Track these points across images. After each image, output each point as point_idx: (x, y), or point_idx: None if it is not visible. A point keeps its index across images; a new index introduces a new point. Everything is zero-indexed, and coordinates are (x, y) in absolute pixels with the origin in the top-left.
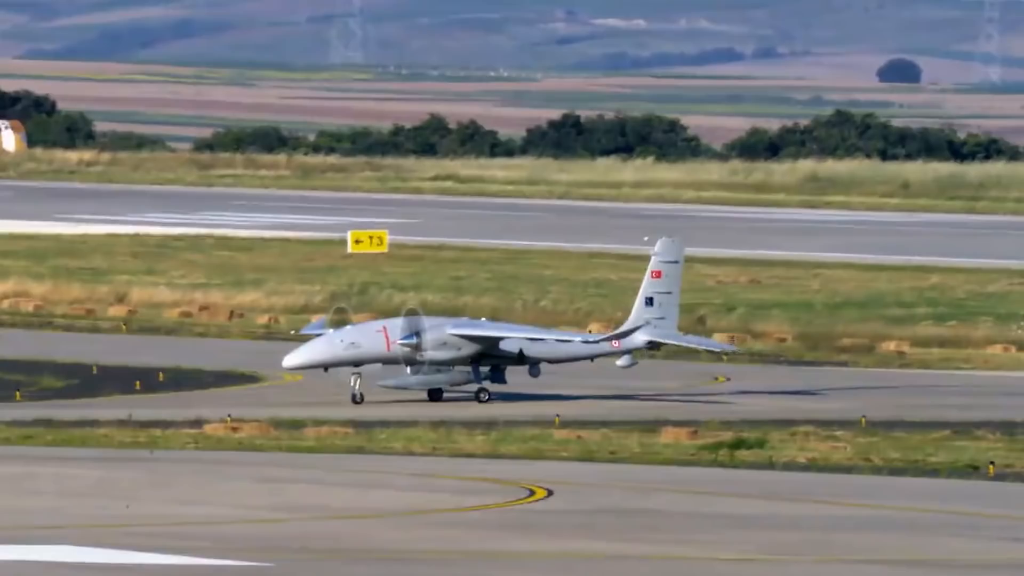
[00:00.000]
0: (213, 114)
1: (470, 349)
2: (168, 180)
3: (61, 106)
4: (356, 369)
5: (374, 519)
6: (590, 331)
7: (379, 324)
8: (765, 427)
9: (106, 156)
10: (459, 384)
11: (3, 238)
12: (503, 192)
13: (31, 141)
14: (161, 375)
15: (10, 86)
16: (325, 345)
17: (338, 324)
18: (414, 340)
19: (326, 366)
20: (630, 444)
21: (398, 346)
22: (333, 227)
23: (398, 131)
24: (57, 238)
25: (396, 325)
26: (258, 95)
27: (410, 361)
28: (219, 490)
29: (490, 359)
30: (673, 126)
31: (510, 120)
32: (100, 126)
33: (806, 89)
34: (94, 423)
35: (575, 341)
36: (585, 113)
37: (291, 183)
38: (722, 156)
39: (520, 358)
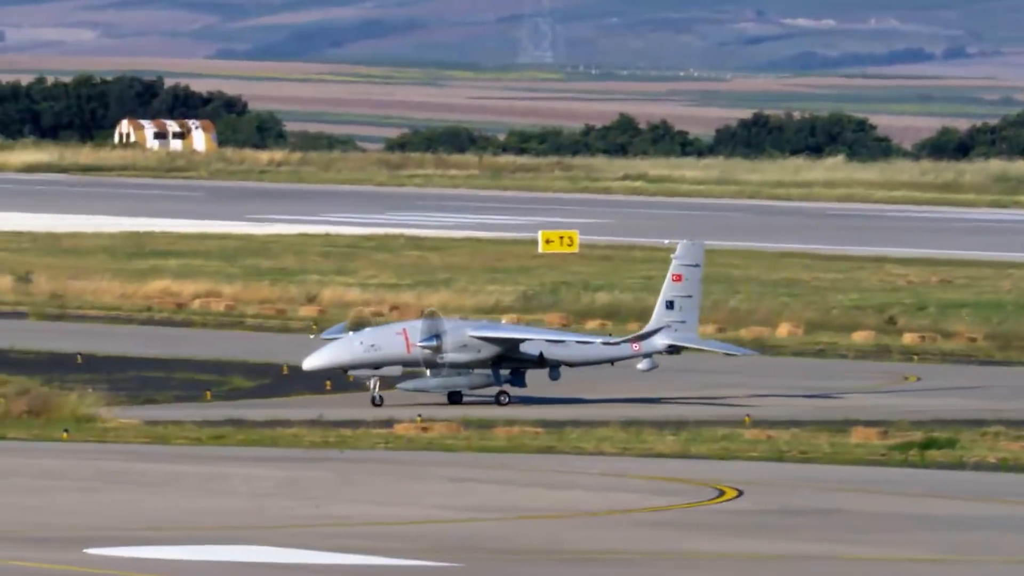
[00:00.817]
0: (402, 114)
1: (490, 351)
2: (358, 180)
3: (252, 106)
4: (376, 371)
5: (564, 519)
6: (610, 335)
7: (399, 326)
8: (956, 427)
9: (296, 156)
10: (479, 387)
11: (194, 238)
12: (693, 192)
13: (222, 141)
14: (351, 376)
15: (201, 86)
16: (345, 347)
17: (358, 328)
18: (434, 342)
19: (346, 368)
20: (820, 444)
21: (418, 348)
22: (523, 227)
23: (588, 131)
24: (248, 238)
25: (416, 327)
26: (448, 95)
27: (430, 363)
28: (409, 490)
29: (510, 362)
30: (862, 126)
31: (700, 120)
32: (290, 126)
33: (995, 89)
34: (284, 423)
35: (595, 343)
36: (774, 113)
37: (481, 183)
38: (912, 156)
39: (540, 361)
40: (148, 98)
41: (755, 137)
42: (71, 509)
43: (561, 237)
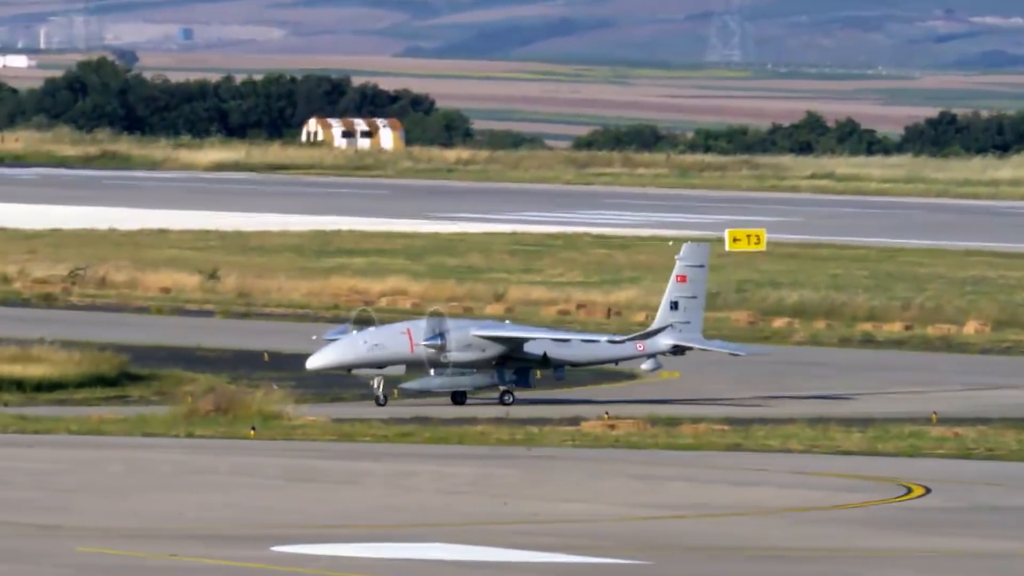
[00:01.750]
0: (590, 112)
1: (494, 351)
2: (545, 178)
3: (439, 104)
4: (379, 371)
5: (751, 516)
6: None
7: (403, 326)
8: None
9: (483, 154)
10: (483, 387)
11: (381, 236)
12: (880, 190)
13: (409, 139)
14: (539, 373)
15: (389, 84)
16: (348, 346)
17: (361, 327)
18: (438, 341)
19: (349, 368)
20: (1007, 441)
21: (422, 348)
22: (710, 225)
23: (776, 129)
24: (434, 236)
25: (420, 327)
26: (635, 93)
27: (434, 363)
28: (596, 488)
29: (514, 361)
30: None
31: (888, 118)
32: (478, 124)
33: None
34: (471, 421)
35: (601, 342)
36: (962, 111)
37: (669, 182)
38: None
39: (544, 361)
40: (336, 96)
41: (942, 135)
42: (258, 507)
43: (748, 235)
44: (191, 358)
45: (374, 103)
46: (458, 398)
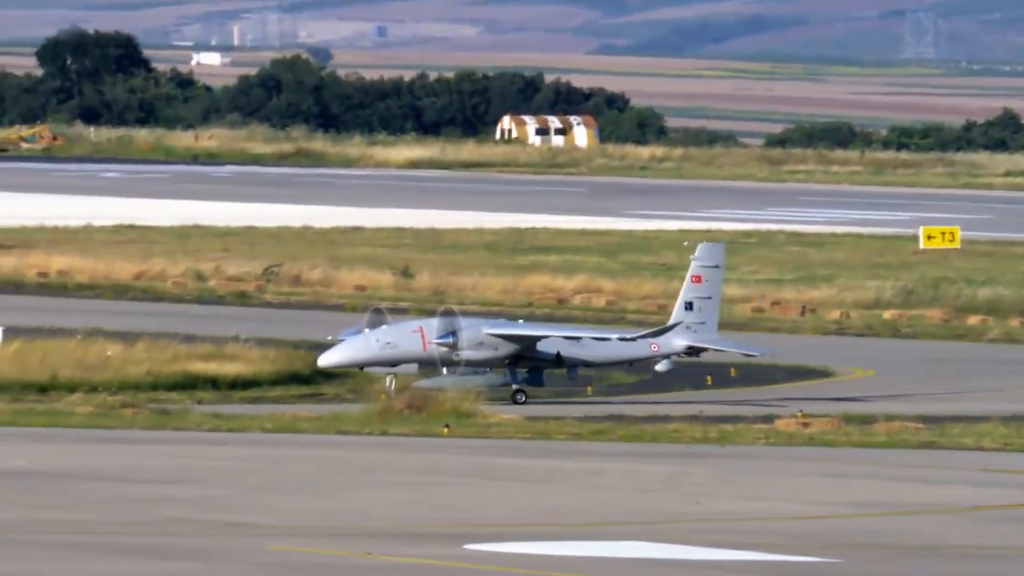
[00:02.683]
0: (784, 110)
1: (507, 349)
2: (739, 176)
3: (633, 102)
4: (392, 369)
5: (943, 514)
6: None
7: (416, 324)
8: None
9: (677, 152)
10: (496, 386)
11: (574, 234)
12: None
13: (603, 137)
14: (733, 370)
15: (583, 82)
16: (361, 345)
17: (375, 325)
18: (450, 339)
19: (362, 366)
20: None
21: (434, 346)
22: (905, 223)
23: (970, 127)
24: (628, 234)
25: (432, 326)
26: (829, 91)
27: (446, 361)
28: (788, 486)
29: (528, 361)
30: None
31: None
32: (671, 122)
33: None
34: (664, 419)
35: (612, 340)
36: None
37: (863, 179)
38: None
39: (558, 361)
40: (530, 94)
41: None
42: (451, 505)
43: (943, 233)
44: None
45: (568, 101)
46: None
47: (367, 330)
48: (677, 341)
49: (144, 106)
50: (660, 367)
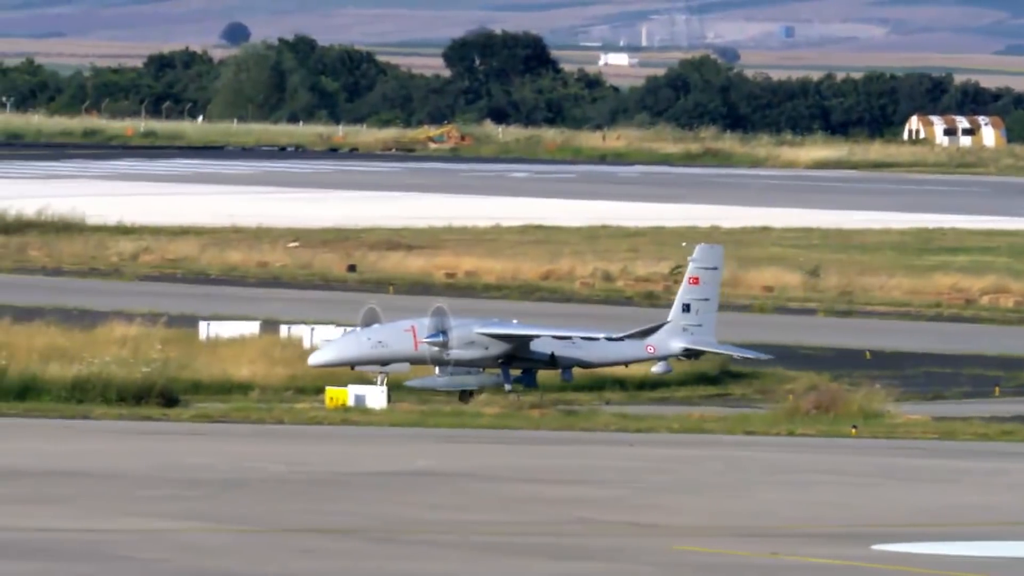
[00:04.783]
0: None
1: (498, 349)
2: None
3: None
4: (383, 368)
5: None
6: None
7: (407, 323)
8: None
9: None
10: (488, 386)
11: (982, 234)
12: None
13: (1010, 137)
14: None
15: (990, 82)
16: (352, 343)
17: (368, 324)
18: (440, 338)
19: (353, 364)
20: None
21: (426, 345)
22: None
23: None
24: None
25: (424, 325)
26: None
27: (437, 361)
28: None
29: (521, 361)
30: None
31: None
32: None
33: None
34: None
35: (600, 339)
36: None
37: None
38: None
39: (552, 361)
40: (937, 94)
41: None
42: (857, 504)
43: None
44: (793, 356)
45: (975, 101)
46: (464, 397)
47: (359, 328)
48: (674, 343)
49: (552, 106)
50: (656, 369)
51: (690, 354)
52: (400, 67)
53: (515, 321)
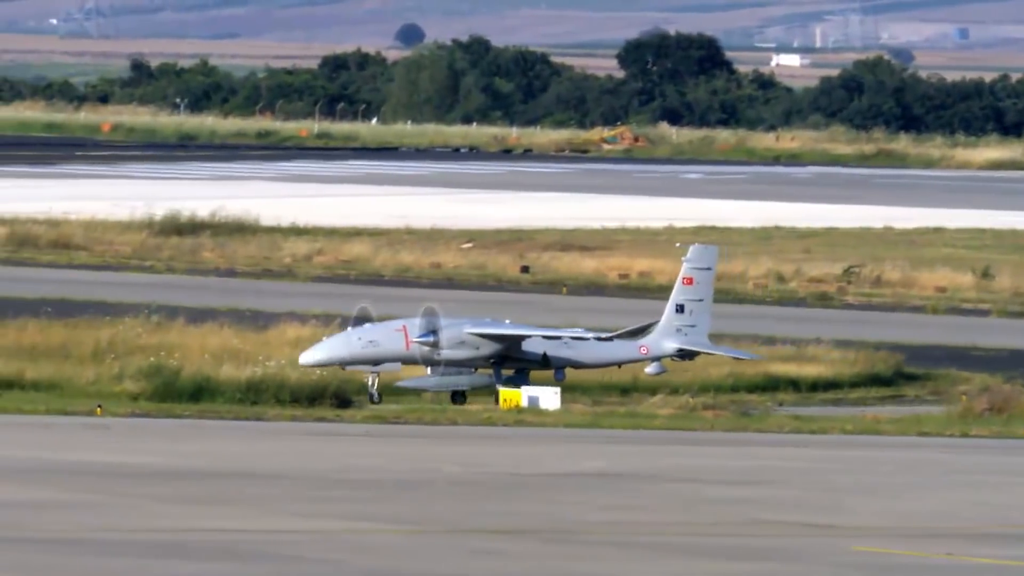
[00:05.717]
0: None
1: (489, 349)
2: None
3: None
4: (375, 368)
5: None
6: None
7: (399, 323)
8: None
9: None
10: (480, 386)
11: None
12: None
13: None
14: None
15: None
16: (343, 343)
17: (360, 324)
18: (431, 338)
19: (344, 364)
20: None
21: (417, 345)
22: None
23: None
24: None
25: (415, 324)
26: None
27: (428, 361)
28: None
29: (514, 361)
30: None
31: None
32: None
33: None
34: None
35: (590, 340)
36: None
37: None
38: None
39: (544, 361)
40: None
41: None
42: None
43: None
44: (966, 358)
45: None
46: (457, 398)
47: (350, 328)
48: (667, 344)
49: (726, 107)
50: (650, 370)
51: (684, 355)
52: (574, 68)
53: (507, 321)
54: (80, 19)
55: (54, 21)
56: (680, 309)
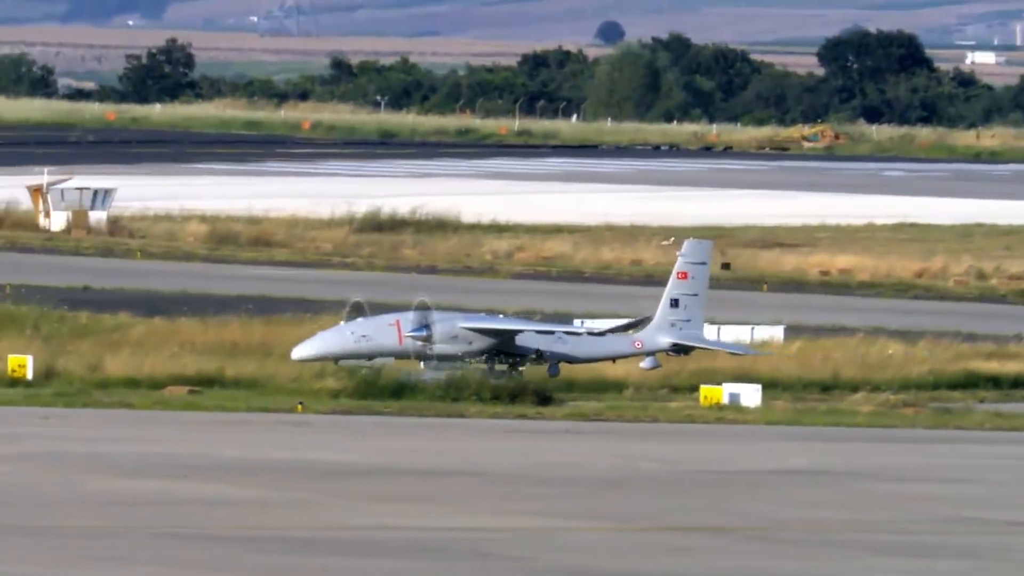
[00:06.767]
0: None
1: (482, 343)
2: None
3: None
4: (368, 363)
5: None
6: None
7: (392, 317)
8: None
9: None
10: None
11: None
12: None
13: None
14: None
15: None
16: (336, 337)
17: (353, 318)
18: (423, 332)
19: (336, 359)
20: None
21: (410, 340)
22: None
23: None
24: None
25: (409, 319)
26: None
27: (421, 356)
28: None
29: (507, 356)
30: None
31: None
32: None
33: None
34: None
35: (583, 334)
36: None
37: None
38: None
39: (538, 356)
40: None
41: None
42: None
43: None
44: None
45: None
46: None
47: (343, 323)
48: (662, 339)
49: (926, 105)
50: (644, 364)
51: (678, 350)
52: (774, 65)
53: (501, 316)
54: (280, 17)
55: (254, 19)
56: (675, 303)
